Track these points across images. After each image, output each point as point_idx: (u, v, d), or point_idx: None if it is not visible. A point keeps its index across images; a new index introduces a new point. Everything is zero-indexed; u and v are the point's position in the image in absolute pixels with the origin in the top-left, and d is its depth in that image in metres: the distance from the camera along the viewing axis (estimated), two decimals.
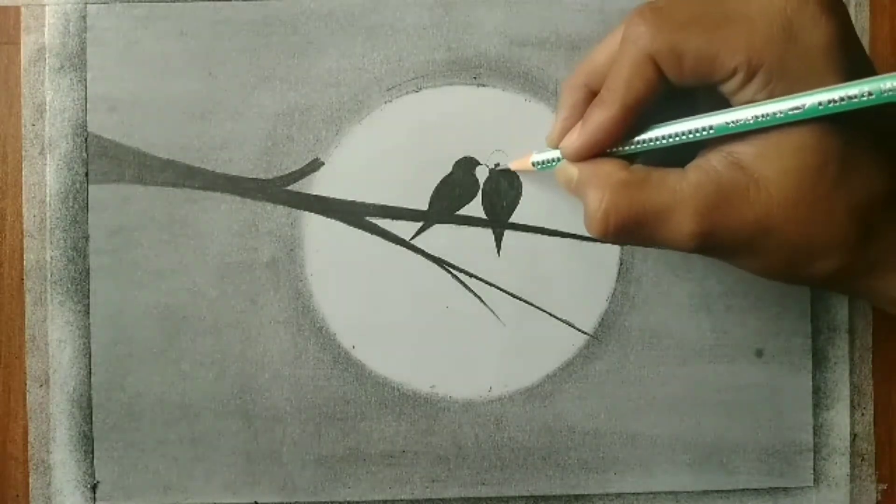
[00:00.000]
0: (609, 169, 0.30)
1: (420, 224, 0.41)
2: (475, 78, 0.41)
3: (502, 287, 0.41)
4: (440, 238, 0.41)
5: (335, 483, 0.41)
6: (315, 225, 0.41)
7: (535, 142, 0.41)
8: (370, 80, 0.41)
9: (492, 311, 0.41)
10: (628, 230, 0.29)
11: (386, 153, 0.41)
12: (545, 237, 0.41)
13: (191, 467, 0.41)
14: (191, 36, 0.41)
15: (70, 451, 0.41)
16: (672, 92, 0.29)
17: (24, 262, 0.41)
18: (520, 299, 0.41)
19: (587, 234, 0.41)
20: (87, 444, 0.41)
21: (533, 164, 0.37)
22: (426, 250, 0.41)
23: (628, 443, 0.41)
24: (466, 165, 0.41)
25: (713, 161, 0.28)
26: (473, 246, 0.41)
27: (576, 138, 0.31)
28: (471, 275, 0.41)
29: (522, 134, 0.41)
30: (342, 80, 0.41)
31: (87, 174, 0.41)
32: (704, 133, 0.28)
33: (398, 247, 0.41)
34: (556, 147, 0.33)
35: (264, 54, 0.41)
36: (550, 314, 0.41)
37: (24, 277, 0.41)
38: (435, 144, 0.41)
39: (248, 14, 0.41)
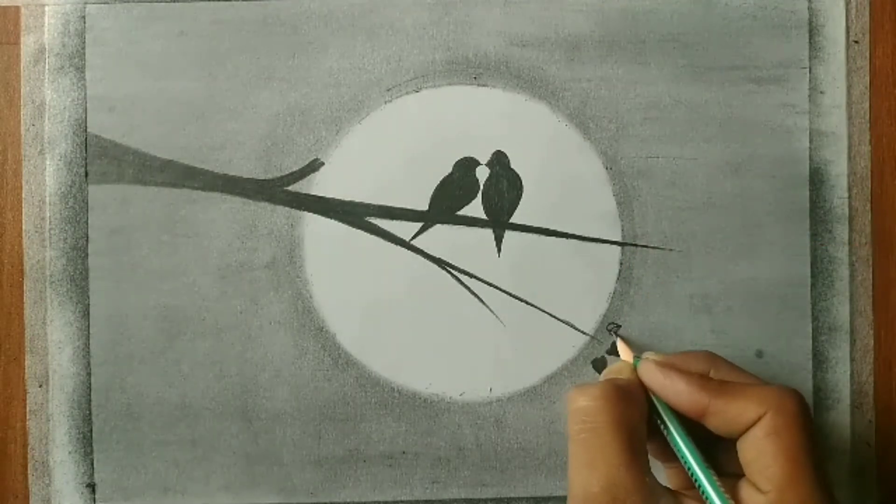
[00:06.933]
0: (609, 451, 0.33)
1: (420, 224, 0.41)
2: (475, 78, 0.41)
3: (502, 287, 0.41)
4: (440, 238, 0.41)
5: (335, 484, 0.41)
6: (315, 225, 0.41)
7: (535, 141, 0.41)
8: (370, 80, 0.41)
9: (492, 311, 0.41)
10: None
11: (386, 153, 0.41)
12: (545, 237, 0.41)
13: (190, 468, 0.41)
14: (191, 36, 0.41)
15: (69, 452, 0.41)
16: None
17: (24, 262, 0.41)
18: (520, 299, 0.41)
19: (587, 235, 0.41)
20: (86, 444, 0.41)
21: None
22: (426, 251, 0.41)
23: None
24: (466, 165, 0.41)
25: None
26: (473, 246, 0.41)
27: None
28: (471, 275, 0.41)
29: (522, 134, 0.41)
30: (342, 80, 0.41)
31: (86, 174, 0.41)
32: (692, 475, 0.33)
33: (398, 247, 0.41)
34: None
35: (264, 54, 0.41)
36: (550, 314, 0.41)
37: (24, 277, 0.41)
38: (435, 144, 0.41)
39: (248, 14, 0.41)
